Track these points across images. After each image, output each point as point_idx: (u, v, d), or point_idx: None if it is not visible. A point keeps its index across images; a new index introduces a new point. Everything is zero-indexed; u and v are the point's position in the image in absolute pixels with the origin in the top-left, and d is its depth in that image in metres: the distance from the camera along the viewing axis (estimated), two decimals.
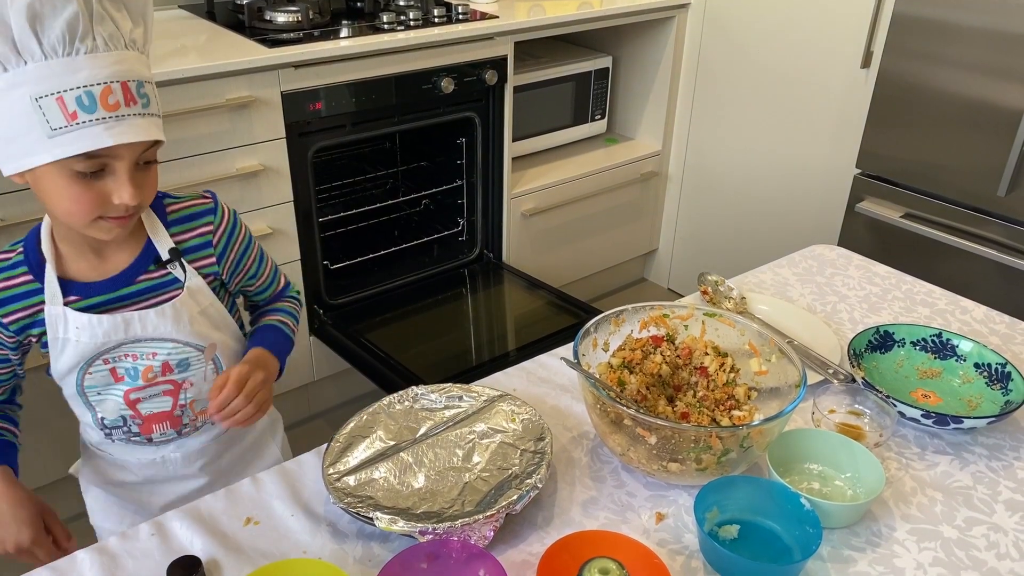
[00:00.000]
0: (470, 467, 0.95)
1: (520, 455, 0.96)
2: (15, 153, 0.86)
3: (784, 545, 0.88)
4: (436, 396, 1.06)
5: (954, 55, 1.77)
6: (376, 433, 1.00)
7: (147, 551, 0.86)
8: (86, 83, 0.83)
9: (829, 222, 2.31)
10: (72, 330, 0.99)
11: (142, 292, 1.02)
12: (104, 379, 1.05)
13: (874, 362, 1.15)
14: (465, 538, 0.83)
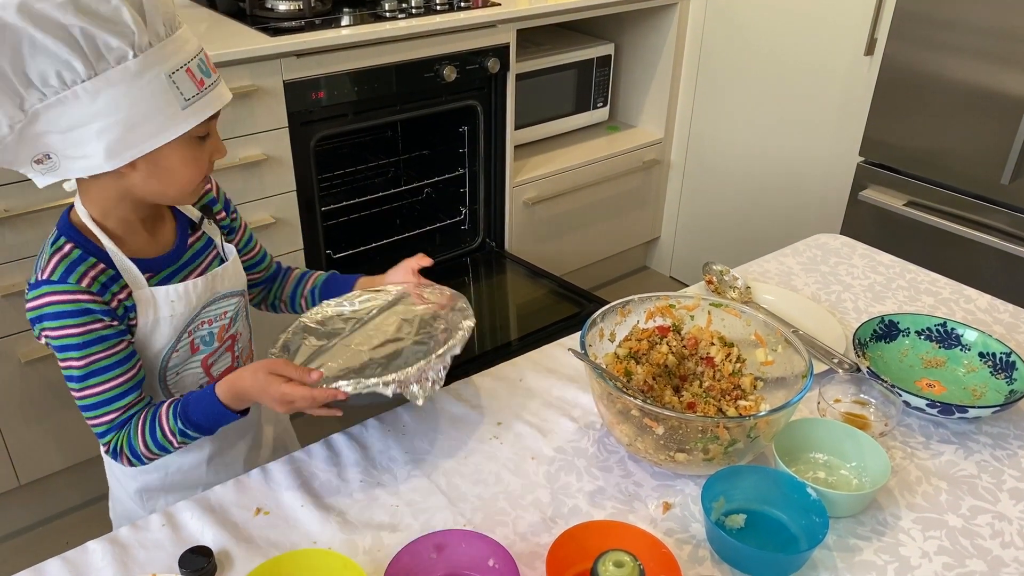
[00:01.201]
0: (403, 336, 1.05)
1: (446, 317, 1.08)
2: (142, 136, 0.88)
3: (790, 534, 0.88)
4: (347, 303, 1.14)
5: (958, 42, 1.77)
6: (307, 339, 1.07)
7: (158, 542, 0.86)
8: (195, 53, 0.90)
9: (832, 210, 2.31)
10: (165, 306, 0.99)
11: (195, 257, 1.05)
12: (184, 355, 1.05)
13: (879, 351, 1.16)
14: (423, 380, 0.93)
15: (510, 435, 1.03)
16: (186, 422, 0.96)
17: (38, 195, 1.60)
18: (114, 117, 0.85)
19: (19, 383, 1.70)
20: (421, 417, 1.06)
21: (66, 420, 1.80)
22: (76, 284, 0.92)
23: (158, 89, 0.86)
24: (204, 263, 1.06)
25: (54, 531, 1.89)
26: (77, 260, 0.93)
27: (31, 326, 0.97)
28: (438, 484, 0.95)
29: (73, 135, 0.86)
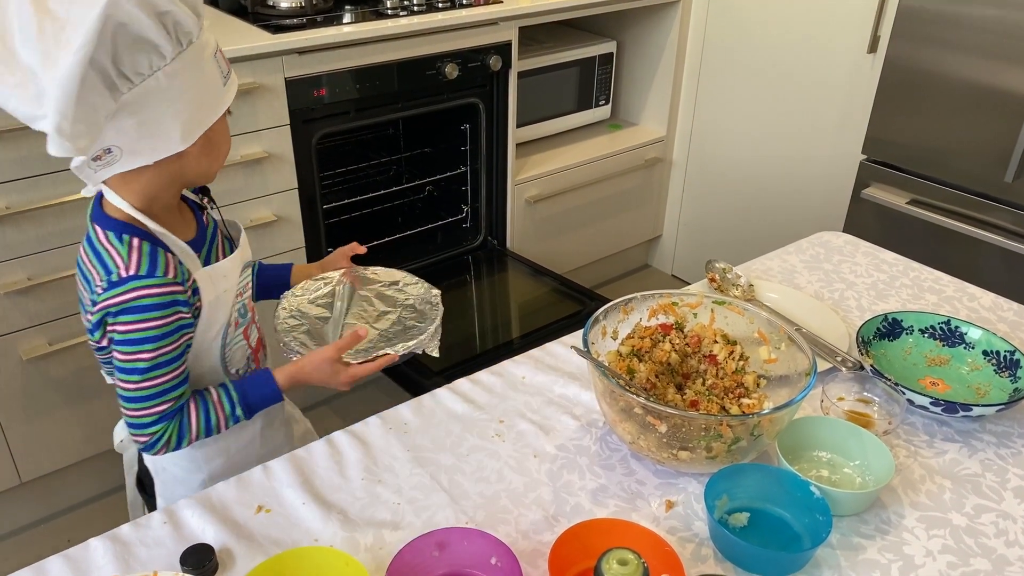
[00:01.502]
0: (389, 310, 1.19)
1: (410, 292, 1.24)
2: (205, 113, 0.93)
3: (794, 533, 0.88)
4: (306, 292, 1.22)
5: (962, 40, 1.76)
6: (301, 331, 1.16)
7: (160, 539, 0.86)
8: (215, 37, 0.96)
9: (834, 209, 2.30)
10: (220, 282, 1.03)
11: (212, 236, 1.08)
12: (233, 329, 1.10)
13: (882, 349, 1.15)
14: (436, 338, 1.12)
15: (512, 433, 1.03)
16: (245, 408, 1.03)
17: (39, 192, 1.59)
18: (187, 97, 0.89)
19: (20, 380, 1.70)
20: (423, 415, 1.06)
21: (67, 418, 1.80)
22: (164, 276, 0.94)
23: (210, 67, 0.92)
24: (219, 241, 1.09)
25: (56, 529, 1.89)
26: (152, 252, 0.95)
27: (89, 325, 0.98)
28: (440, 482, 0.95)
29: (152, 120, 0.88)
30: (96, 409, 1.83)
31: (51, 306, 1.68)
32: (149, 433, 0.99)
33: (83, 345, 1.74)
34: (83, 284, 1.00)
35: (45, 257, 1.64)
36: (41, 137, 1.53)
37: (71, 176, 1.61)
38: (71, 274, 1.67)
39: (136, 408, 0.98)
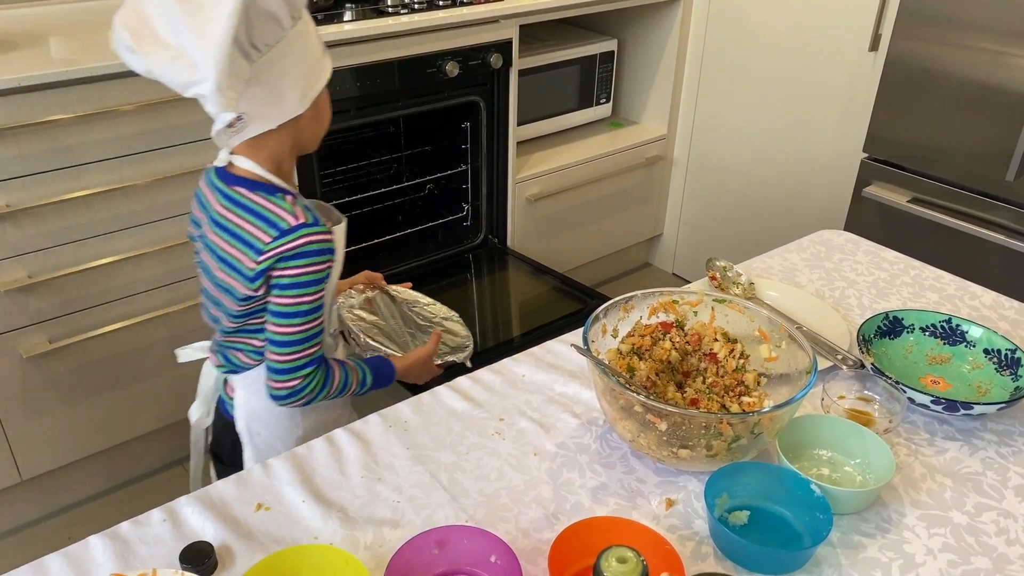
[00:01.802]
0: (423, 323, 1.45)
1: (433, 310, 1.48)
2: (317, 77, 1.04)
3: (794, 531, 0.88)
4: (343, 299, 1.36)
5: (963, 38, 1.76)
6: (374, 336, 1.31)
7: (159, 537, 0.86)
8: None
9: (835, 207, 2.30)
10: (341, 242, 1.11)
11: None
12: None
13: (883, 348, 1.15)
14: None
15: (512, 431, 1.03)
16: (372, 380, 1.17)
17: (40, 190, 1.59)
18: (302, 64, 1.00)
19: (21, 378, 1.70)
20: (423, 413, 1.06)
21: (68, 415, 1.80)
22: (324, 226, 1.05)
23: (314, 38, 1.02)
24: None
25: (56, 526, 1.89)
26: (306, 206, 1.05)
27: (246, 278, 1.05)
28: (440, 480, 0.95)
29: (275, 87, 0.99)
30: (96, 407, 1.83)
31: (51, 304, 1.68)
32: (300, 376, 1.07)
33: (84, 343, 1.74)
34: (231, 243, 1.06)
35: (46, 255, 1.64)
36: (39, 134, 1.53)
37: (71, 174, 1.62)
38: (72, 272, 1.67)
39: (291, 352, 1.06)
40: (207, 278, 1.13)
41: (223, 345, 1.17)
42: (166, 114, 1.68)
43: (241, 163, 1.05)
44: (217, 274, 1.09)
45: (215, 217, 1.08)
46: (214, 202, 1.08)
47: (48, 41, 1.73)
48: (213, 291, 1.12)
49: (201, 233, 1.13)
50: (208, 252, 1.10)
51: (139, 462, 2.02)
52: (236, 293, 1.07)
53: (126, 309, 1.79)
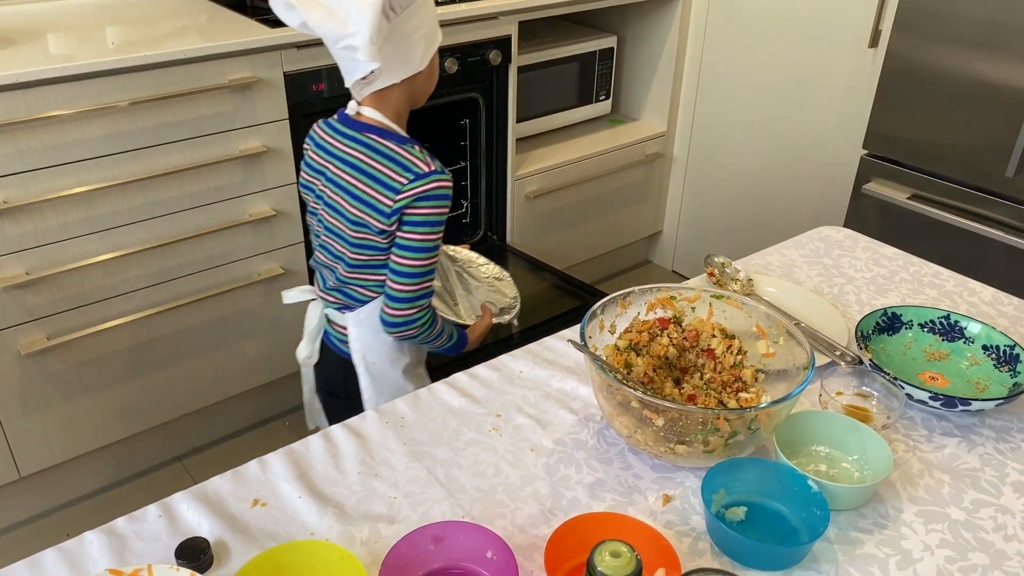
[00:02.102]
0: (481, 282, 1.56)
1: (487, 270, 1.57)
2: (436, 37, 1.23)
3: (791, 527, 0.88)
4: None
5: (963, 35, 1.75)
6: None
7: (155, 533, 0.86)
8: None
9: (835, 204, 2.30)
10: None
11: None
12: None
13: (882, 344, 1.15)
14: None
15: (509, 427, 1.03)
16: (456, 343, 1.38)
17: (37, 186, 1.59)
18: (427, 25, 1.17)
19: (19, 375, 1.70)
20: (420, 409, 1.06)
21: (66, 412, 1.80)
22: (448, 174, 1.22)
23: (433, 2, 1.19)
24: None
25: (54, 523, 1.89)
26: (431, 155, 1.22)
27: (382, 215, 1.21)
28: (436, 476, 0.95)
29: (404, 44, 1.16)
30: (94, 403, 1.83)
31: (49, 300, 1.68)
32: (416, 306, 1.25)
33: (82, 339, 1.74)
34: (367, 183, 1.22)
35: (43, 251, 1.64)
36: (36, 130, 1.53)
37: (68, 170, 1.62)
38: (70, 268, 1.67)
39: (412, 283, 1.24)
40: (335, 216, 1.27)
41: (343, 281, 1.31)
42: (164, 110, 1.68)
43: (369, 113, 1.23)
44: (350, 211, 1.24)
45: (346, 159, 1.24)
46: (342, 146, 1.25)
47: (46, 37, 1.73)
48: (345, 229, 1.25)
49: (322, 179, 1.28)
50: (337, 191, 1.25)
51: (138, 459, 2.02)
52: (372, 227, 1.22)
53: (124, 306, 1.78)
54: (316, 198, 1.32)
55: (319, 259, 1.36)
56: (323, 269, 1.36)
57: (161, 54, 1.63)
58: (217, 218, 1.84)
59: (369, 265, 1.27)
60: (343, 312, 1.34)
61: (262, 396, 2.16)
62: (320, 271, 1.38)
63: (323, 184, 1.29)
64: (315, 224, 1.34)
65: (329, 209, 1.28)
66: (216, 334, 1.95)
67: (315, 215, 1.33)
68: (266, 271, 1.96)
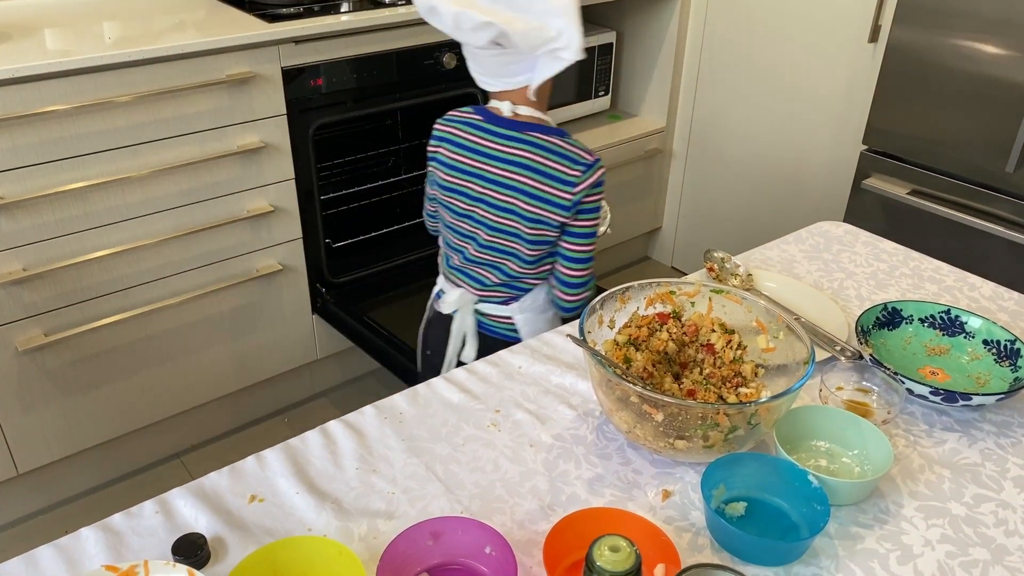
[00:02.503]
0: None
1: None
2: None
3: (791, 522, 0.87)
4: None
5: (963, 29, 1.75)
6: None
7: (152, 529, 0.85)
8: None
9: (835, 199, 2.30)
10: None
11: None
12: None
13: (882, 339, 1.14)
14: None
15: (508, 423, 1.02)
16: None
17: (35, 182, 1.59)
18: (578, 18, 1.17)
19: (16, 372, 1.69)
20: (418, 404, 1.05)
21: (64, 409, 1.80)
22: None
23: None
24: None
25: (52, 520, 1.89)
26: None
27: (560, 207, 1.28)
28: (435, 471, 0.94)
29: (564, 36, 1.17)
30: (92, 401, 1.82)
31: (47, 296, 1.67)
32: (590, 287, 1.36)
33: (79, 336, 1.73)
34: (542, 181, 1.27)
35: (41, 247, 1.64)
36: (33, 126, 1.52)
37: (66, 166, 1.61)
38: (67, 264, 1.67)
39: (586, 268, 1.34)
40: (505, 216, 1.30)
41: (514, 276, 1.36)
42: (161, 106, 1.68)
43: (527, 111, 1.28)
44: (528, 209, 1.29)
45: (513, 159, 1.28)
46: (505, 148, 1.28)
47: (42, 32, 1.72)
48: (520, 227, 1.30)
49: (477, 181, 1.31)
50: (508, 192, 1.29)
51: (136, 456, 2.02)
52: (551, 223, 1.29)
53: (122, 302, 1.78)
54: (471, 200, 1.33)
55: (474, 257, 1.37)
56: (478, 268, 1.38)
57: (158, 49, 1.62)
58: (214, 214, 1.83)
59: (542, 258, 1.35)
60: (507, 304, 1.40)
61: (260, 393, 2.15)
62: (471, 271, 1.40)
63: (480, 186, 1.31)
64: (464, 225, 1.36)
65: (495, 210, 1.31)
66: (214, 330, 1.95)
67: (464, 216, 1.35)
68: (264, 267, 1.96)
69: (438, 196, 1.39)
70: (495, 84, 1.29)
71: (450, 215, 1.38)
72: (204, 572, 0.80)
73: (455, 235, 1.39)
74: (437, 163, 1.37)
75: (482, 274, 1.38)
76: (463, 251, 1.39)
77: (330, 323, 2.10)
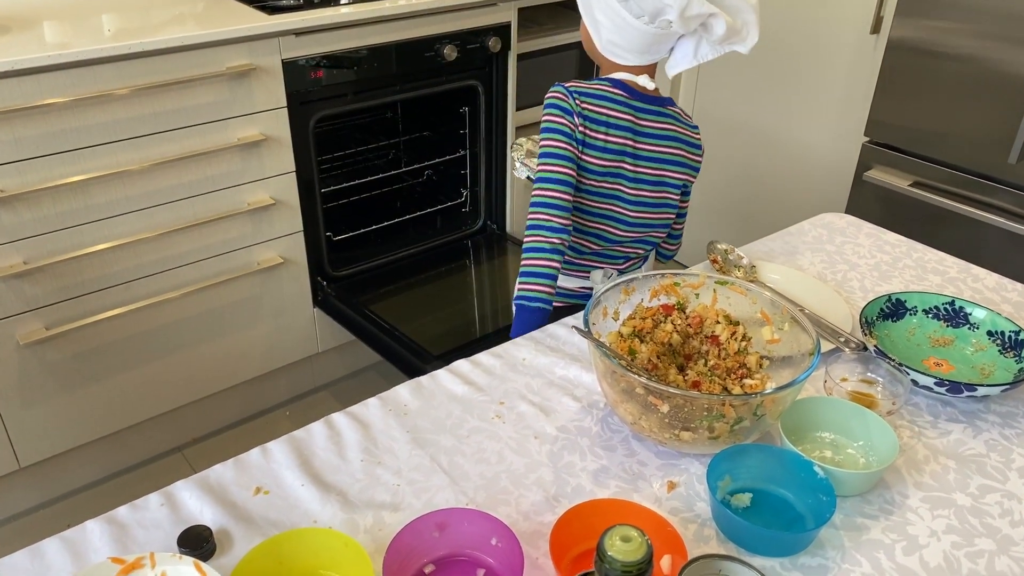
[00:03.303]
0: None
1: None
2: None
3: (797, 513, 0.87)
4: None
5: (966, 21, 1.74)
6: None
7: (157, 521, 0.85)
8: None
9: (836, 192, 2.29)
10: None
11: None
12: None
13: (886, 330, 1.14)
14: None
15: (512, 415, 1.02)
16: None
17: (35, 175, 1.58)
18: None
19: (17, 365, 1.69)
20: (422, 396, 1.05)
21: (66, 402, 1.79)
22: None
23: None
24: None
25: (55, 514, 1.89)
26: None
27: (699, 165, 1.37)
28: (440, 463, 0.94)
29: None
30: (94, 394, 1.82)
31: (48, 290, 1.67)
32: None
33: (80, 329, 1.73)
34: (686, 149, 1.34)
35: (41, 241, 1.63)
36: (33, 118, 1.51)
37: (66, 159, 1.61)
38: (68, 258, 1.66)
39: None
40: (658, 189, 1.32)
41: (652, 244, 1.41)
42: (161, 98, 1.67)
43: (653, 85, 1.31)
44: (679, 177, 1.33)
45: (663, 134, 1.31)
46: (654, 123, 1.30)
47: (41, 24, 1.71)
48: (671, 196, 1.34)
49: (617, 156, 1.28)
50: (660, 165, 1.31)
51: (138, 449, 2.02)
52: (689, 186, 1.37)
53: (123, 296, 1.78)
54: (623, 180, 1.30)
55: (618, 237, 1.35)
56: (622, 247, 1.37)
57: (158, 41, 1.62)
58: (215, 207, 1.83)
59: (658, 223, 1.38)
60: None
61: (262, 386, 2.15)
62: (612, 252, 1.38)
63: (633, 164, 1.30)
64: (604, 206, 1.31)
65: (649, 186, 1.32)
66: (215, 324, 1.94)
67: (608, 197, 1.30)
68: (265, 260, 1.95)
69: (586, 183, 1.29)
70: (634, 59, 1.28)
71: (590, 199, 1.31)
72: (210, 564, 0.80)
73: (592, 218, 1.32)
74: (589, 148, 1.27)
75: (626, 251, 1.38)
76: (601, 234, 1.34)
77: (331, 316, 2.10)
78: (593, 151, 1.27)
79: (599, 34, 1.28)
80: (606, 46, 1.29)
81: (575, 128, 1.26)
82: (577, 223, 1.32)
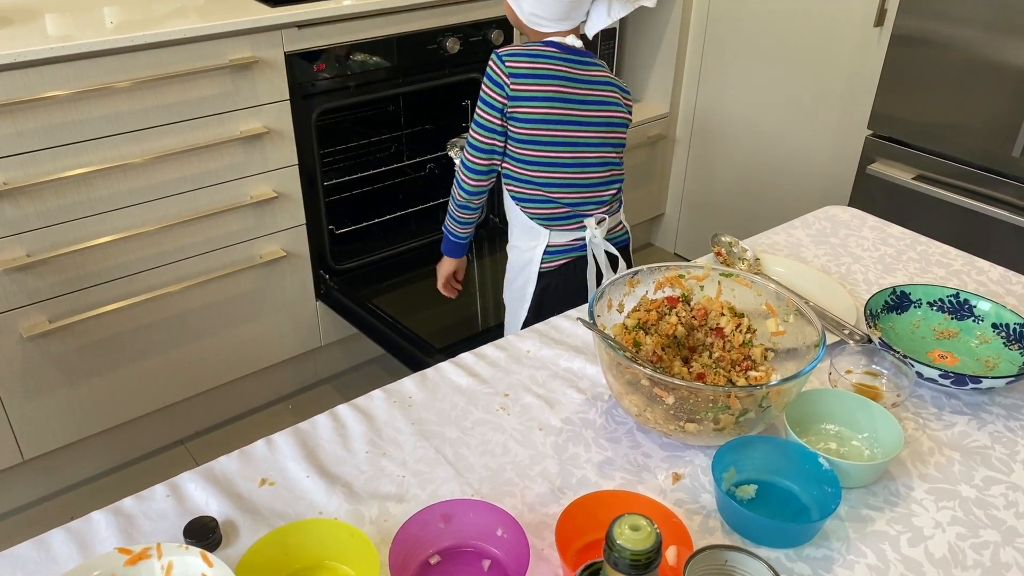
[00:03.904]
0: None
1: None
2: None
3: (802, 505, 0.87)
4: None
5: (969, 13, 1.73)
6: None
7: (163, 512, 0.85)
8: None
9: (840, 185, 2.29)
10: None
11: None
12: None
13: (890, 323, 1.14)
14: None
15: (517, 407, 1.02)
16: None
17: (37, 168, 1.58)
18: None
19: (21, 358, 1.69)
20: (427, 388, 1.05)
21: (69, 395, 1.79)
22: None
23: None
24: None
25: (59, 506, 1.89)
26: None
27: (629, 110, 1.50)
28: (445, 455, 0.94)
29: None
30: (97, 387, 1.82)
31: (51, 283, 1.67)
32: None
33: (83, 322, 1.73)
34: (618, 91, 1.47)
35: (44, 233, 1.63)
36: (35, 111, 1.51)
37: (68, 151, 1.60)
38: (71, 250, 1.66)
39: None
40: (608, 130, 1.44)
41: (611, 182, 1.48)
42: (164, 91, 1.67)
43: (580, 44, 1.41)
44: (618, 116, 1.45)
45: (598, 79, 1.43)
46: (587, 72, 1.41)
47: (44, 17, 1.71)
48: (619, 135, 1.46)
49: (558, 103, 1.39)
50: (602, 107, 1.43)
51: (141, 442, 2.02)
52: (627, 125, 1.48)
53: (126, 289, 1.78)
54: (571, 126, 1.41)
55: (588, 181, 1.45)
56: (596, 191, 1.47)
57: (160, 33, 1.61)
58: (218, 200, 1.83)
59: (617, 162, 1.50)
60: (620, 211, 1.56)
61: (264, 379, 2.15)
62: (590, 198, 1.47)
63: (579, 109, 1.41)
64: (564, 155, 1.42)
65: (599, 127, 1.43)
66: (217, 317, 1.94)
67: (563, 145, 1.42)
68: (268, 253, 1.95)
69: (517, 133, 1.40)
70: (556, 26, 1.39)
71: (542, 149, 1.41)
72: (216, 555, 0.80)
73: (558, 170, 1.43)
74: (520, 100, 1.38)
75: (600, 195, 1.47)
76: (573, 183, 1.45)
77: (334, 310, 2.10)
78: (524, 102, 1.39)
79: (520, 7, 1.41)
80: (529, 18, 1.41)
81: (516, 87, 1.38)
82: (546, 178, 1.44)
